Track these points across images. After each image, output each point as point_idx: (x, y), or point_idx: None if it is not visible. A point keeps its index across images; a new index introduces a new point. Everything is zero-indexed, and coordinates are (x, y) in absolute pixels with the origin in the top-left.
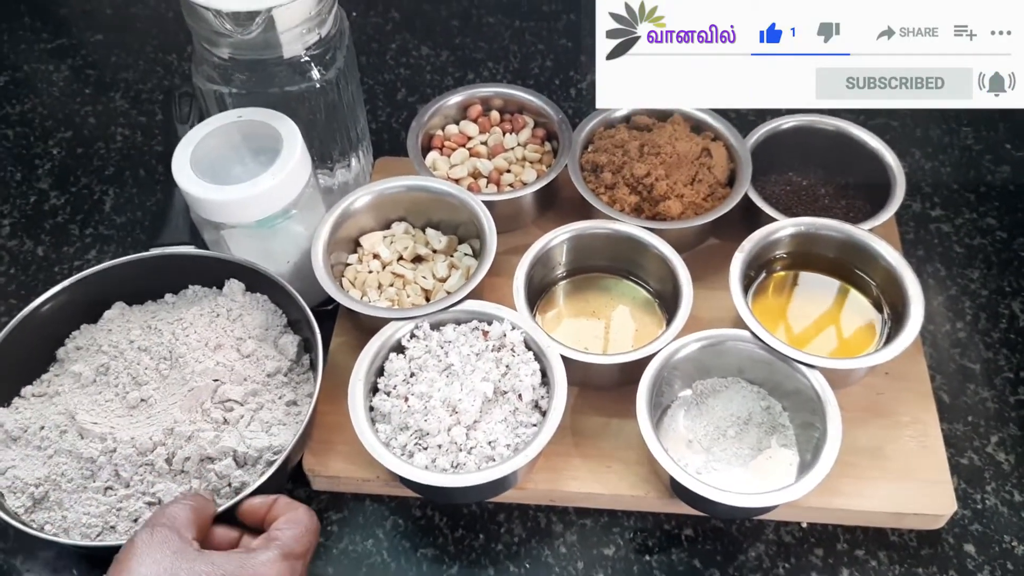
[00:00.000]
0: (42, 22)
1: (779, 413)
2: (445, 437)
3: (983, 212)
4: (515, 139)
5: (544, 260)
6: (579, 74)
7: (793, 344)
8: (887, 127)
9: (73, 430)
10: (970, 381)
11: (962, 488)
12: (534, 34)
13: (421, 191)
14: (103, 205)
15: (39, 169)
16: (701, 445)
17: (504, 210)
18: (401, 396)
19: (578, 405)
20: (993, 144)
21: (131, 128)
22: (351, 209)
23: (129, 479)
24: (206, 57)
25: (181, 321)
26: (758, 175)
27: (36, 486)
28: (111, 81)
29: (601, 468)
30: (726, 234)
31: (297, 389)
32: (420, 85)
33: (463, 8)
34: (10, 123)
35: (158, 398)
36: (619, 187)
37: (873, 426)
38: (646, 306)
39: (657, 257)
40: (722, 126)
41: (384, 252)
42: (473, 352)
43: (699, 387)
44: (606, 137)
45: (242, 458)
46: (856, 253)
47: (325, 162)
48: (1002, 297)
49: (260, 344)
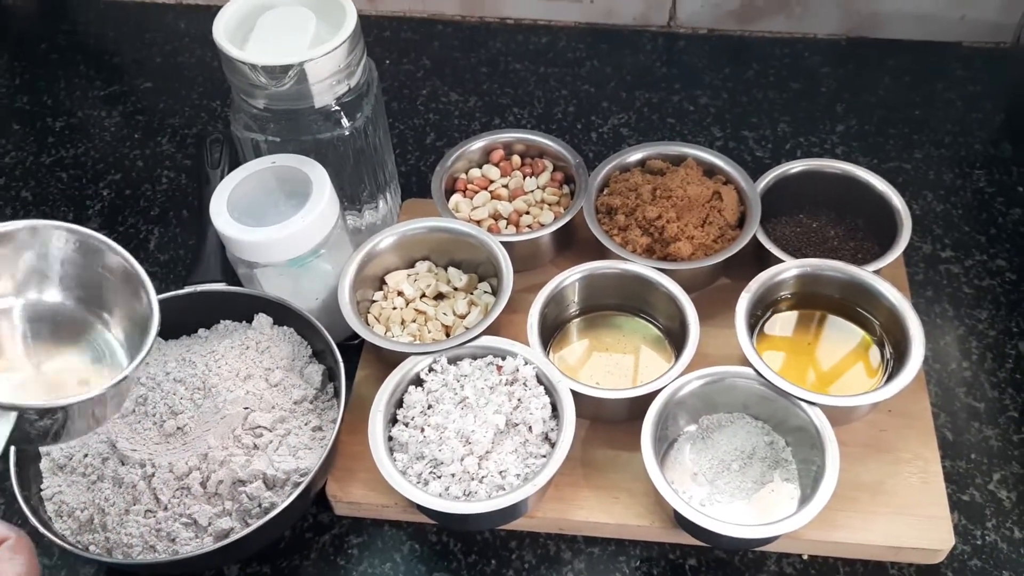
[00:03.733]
0: (96, 70)
1: (782, 448)
2: (458, 466)
3: (993, 254)
4: (535, 182)
5: (558, 299)
6: (600, 118)
7: (798, 381)
8: (900, 170)
9: (115, 457)
10: (974, 419)
11: (962, 524)
12: (558, 80)
13: (443, 232)
14: (148, 244)
15: (90, 210)
16: (706, 478)
17: (522, 250)
18: (418, 427)
19: (589, 438)
20: (1005, 187)
21: (176, 171)
22: (376, 249)
23: (167, 502)
24: (243, 107)
25: (213, 353)
26: (769, 217)
27: (81, 510)
28: (159, 126)
29: (609, 499)
30: (737, 274)
31: (322, 416)
32: (448, 130)
33: (491, 56)
34: (64, 166)
35: (193, 426)
36: (631, 229)
37: (875, 461)
38: (656, 343)
39: (666, 296)
40: (733, 170)
41: (408, 289)
42: (487, 386)
43: (705, 422)
44: (621, 180)
45: (271, 480)
46: (860, 293)
47: (354, 204)
48: (1009, 338)
49: (287, 374)
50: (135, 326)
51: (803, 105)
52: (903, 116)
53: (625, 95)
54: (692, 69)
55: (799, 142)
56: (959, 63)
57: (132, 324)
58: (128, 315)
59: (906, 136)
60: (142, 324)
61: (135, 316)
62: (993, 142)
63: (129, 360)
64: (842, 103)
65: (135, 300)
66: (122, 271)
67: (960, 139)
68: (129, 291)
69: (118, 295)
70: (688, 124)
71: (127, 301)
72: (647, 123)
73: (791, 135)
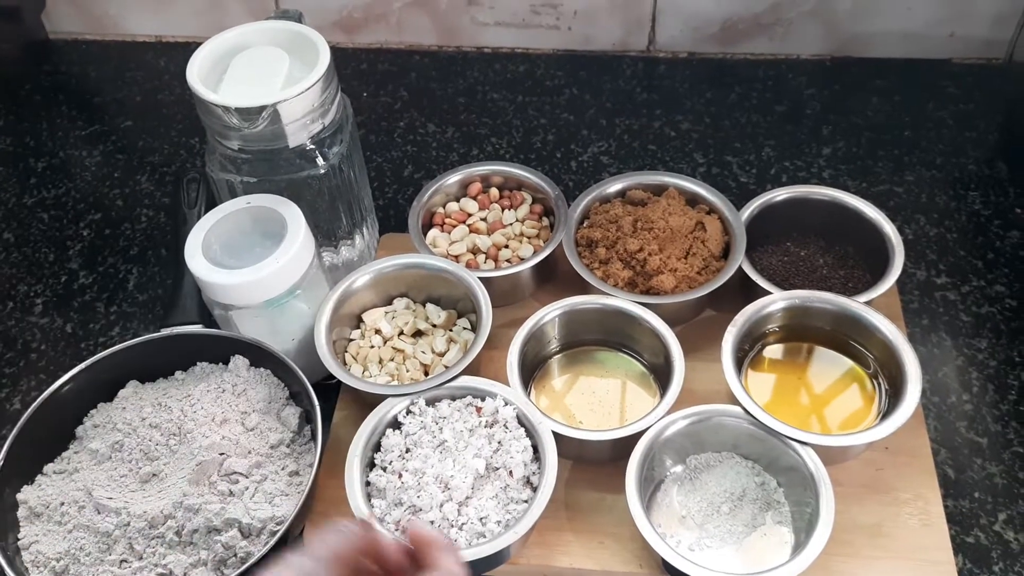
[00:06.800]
0: (78, 110)
1: (774, 489)
2: (437, 513)
3: (992, 279)
4: (513, 215)
5: (538, 336)
6: (580, 146)
7: (790, 418)
8: (891, 193)
9: (90, 505)
10: (977, 456)
11: (967, 568)
12: (537, 108)
13: (420, 268)
14: (127, 284)
15: (70, 250)
16: (695, 521)
17: (501, 285)
18: (396, 472)
19: (572, 479)
20: (1002, 209)
21: (155, 209)
22: (353, 287)
23: (142, 552)
24: (218, 148)
25: (189, 398)
26: (755, 246)
27: (57, 560)
28: (138, 164)
29: (594, 543)
30: (723, 306)
31: (299, 460)
32: (426, 161)
33: (469, 86)
34: (46, 207)
35: (168, 472)
36: (613, 262)
37: (872, 503)
38: (641, 379)
39: (649, 331)
40: (717, 199)
41: (385, 327)
42: (467, 428)
43: (692, 462)
44: (601, 212)
45: (247, 529)
46: (851, 325)
47: (330, 240)
48: (1011, 368)
49: (264, 417)
50: None
51: (788, 128)
52: (892, 137)
53: (605, 122)
54: (673, 94)
55: (784, 166)
56: (950, 81)
57: None
58: None
59: (896, 158)
60: None
61: None
62: (988, 162)
63: None
64: (828, 125)
65: None
66: None
67: (953, 160)
68: None
69: None
70: (670, 150)
71: None
72: (628, 150)
73: (776, 159)
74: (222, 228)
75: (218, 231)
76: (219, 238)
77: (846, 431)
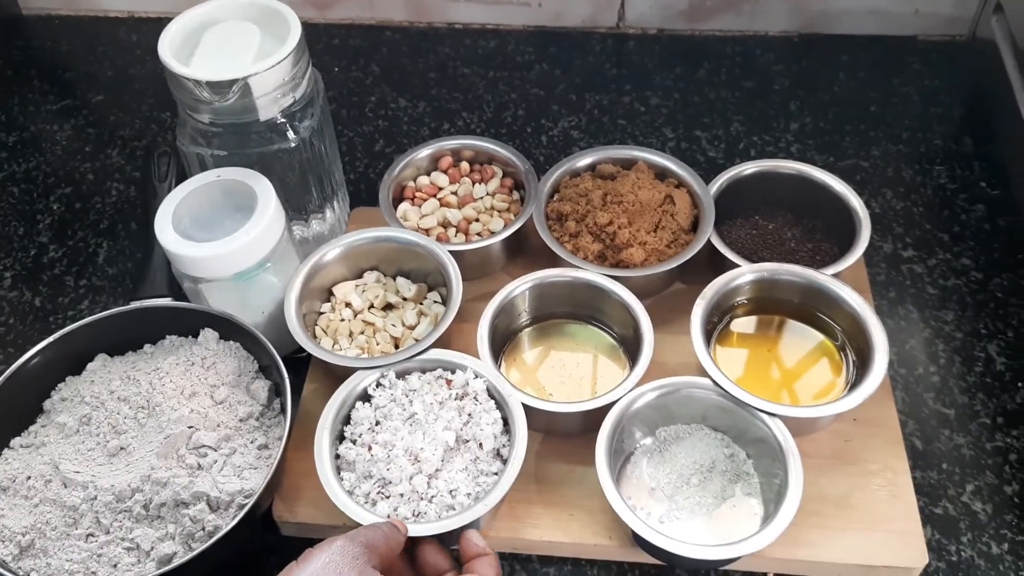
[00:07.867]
0: (50, 84)
1: (743, 461)
2: (407, 486)
3: (958, 252)
4: (484, 189)
5: (508, 309)
6: (550, 121)
7: (758, 390)
8: (857, 168)
9: (57, 479)
10: (944, 427)
11: (936, 539)
12: (507, 84)
13: (390, 242)
14: (97, 257)
15: (40, 224)
16: (664, 493)
17: (472, 259)
18: (365, 445)
19: (543, 451)
20: (968, 183)
21: (125, 183)
22: (323, 261)
23: (109, 526)
24: (189, 122)
25: (158, 371)
26: (724, 219)
27: (23, 534)
28: (109, 139)
29: (564, 516)
30: (692, 278)
31: (268, 433)
32: (397, 136)
33: (440, 61)
34: (16, 180)
35: (136, 446)
36: (583, 235)
37: (840, 474)
38: (611, 352)
39: (619, 304)
40: (686, 173)
41: (356, 301)
42: (436, 401)
43: (662, 434)
44: (571, 186)
45: (215, 502)
46: (819, 298)
47: (301, 214)
48: (978, 339)
49: (233, 390)
50: None
51: (756, 104)
52: (859, 113)
53: (575, 97)
54: (642, 70)
55: (753, 141)
56: (915, 57)
57: None
58: None
59: (863, 133)
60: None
61: None
62: (953, 137)
63: None
64: (796, 101)
65: None
66: None
67: (919, 135)
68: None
69: None
70: (639, 125)
71: None
72: (597, 125)
73: (744, 134)
74: (192, 201)
75: (188, 204)
76: (189, 211)
77: (814, 402)
